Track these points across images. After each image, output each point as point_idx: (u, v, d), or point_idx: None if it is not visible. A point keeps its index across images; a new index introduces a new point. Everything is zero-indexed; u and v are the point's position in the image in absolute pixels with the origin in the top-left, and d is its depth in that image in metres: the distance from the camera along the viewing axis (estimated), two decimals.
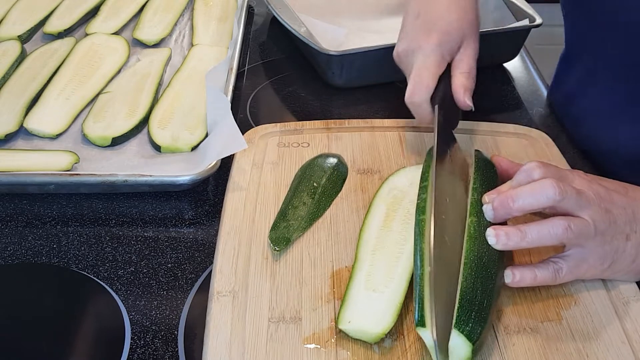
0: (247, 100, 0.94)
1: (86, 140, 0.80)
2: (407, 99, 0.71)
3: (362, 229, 0.64)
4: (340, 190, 0.71)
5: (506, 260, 0.60)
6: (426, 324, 0.51)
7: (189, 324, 0.61)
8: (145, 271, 0.67)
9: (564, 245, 0.58)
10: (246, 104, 0.94)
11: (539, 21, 0.97)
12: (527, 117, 0.91)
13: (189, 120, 0.82)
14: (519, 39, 1.00)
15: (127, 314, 0.62)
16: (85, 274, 0.66)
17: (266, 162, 0.74)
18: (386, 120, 0.81)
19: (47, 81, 0.89)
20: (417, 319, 0.52)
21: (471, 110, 0.71)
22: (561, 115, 0.90)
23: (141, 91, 0.88)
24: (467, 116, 0.75)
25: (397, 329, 0.55)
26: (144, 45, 1.00)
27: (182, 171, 0.73)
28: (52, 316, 0.62)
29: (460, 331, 0.51)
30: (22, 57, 0.94)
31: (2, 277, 0.66)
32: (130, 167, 0.76)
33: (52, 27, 1.02)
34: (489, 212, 0.58)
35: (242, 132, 0.73)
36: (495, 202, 0.57)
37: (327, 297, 0.58)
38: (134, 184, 0.73)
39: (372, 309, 0.55)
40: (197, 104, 0.85)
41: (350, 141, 0.78)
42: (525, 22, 0.98)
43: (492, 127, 0.80)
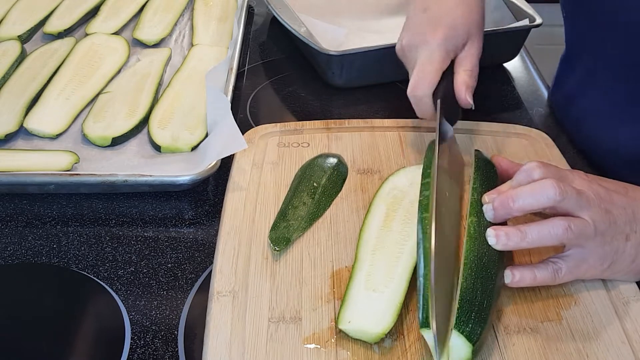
0: (247, 100, 0.94)
1: (86, 140, 0.80)
2: (409, 92, 0.71)
3: (362, 228, 0.64)
4: (340, 190, 0.71)
5: (506, 260, 0.60)
6: (430, 325, 0.51)
7: (189, 324, 0.61)
8: (145, 271, 0.67)
9: (563, 245, 0.58)
10: (246, 104, 0.94)
11: (539, 21, 0.97)
12: (527, 117, 0.91)
13: (189, 120, 0.82)
14: (519, 39, 1.00)
15: (127, 314, 0.62)
16: (85, 274, 0.66)
17: (266, 162, 0.74)
18: (386, 120, 0.81)
19: (47, 81, 0.89)
20: (422, 320, 0.52)
21: (471, 108, 0.71)
22: (561, 115, 0.90)
23: (141, 91, 0.88)
24: (468, 116, 0.75)
25: (397, 329, 0.55)
26: (144, 45, 1.00)
27: (182, 171, 0.73)
28: (52, 316, 0.62)
29: (460, 332, 0.51)
30: (22, 57, 0.94)
31: (2, 277, 0.66)
32: (130, 167, 0.76)
33: (52, 27, 1.02)
34: (489, 212, 0.58)
35: (242, 132, 0.73)
36: (495, 202, 0.58)
37: (327, 297, 0.58)
38: (134, 184, 0.73)
39: (372, 309, 0.55)
40: (197, 104, 0.85)
41: (350, 141, 0.78)
42: (525, 22, 0.98)
43: (492, 127, 0.80)
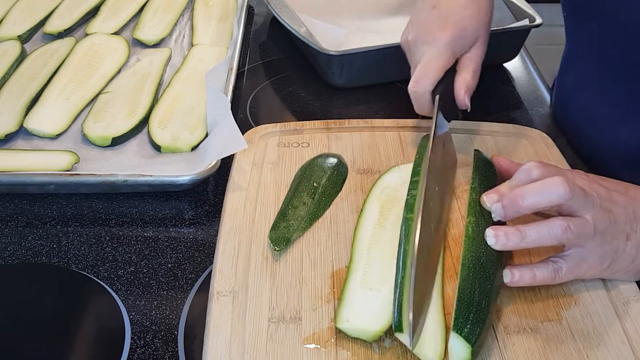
0: (247, 100, 0.94)
1: (86, 140, 0.80)
2: (410, 87, 0.71)
3: (356, 227, 0.64)
4: (340, 190, 0.70)
5: (506, 260, 0.60)
6: (403, 329, 0.51)
7: (189, 324, 0.61)
8: (145, 271, 0.67)
9: (563, 245, 0.58)
10: (246, 104, 0.94)
11: (539, 21, 0.97)
12: (527, 117, 0.91)
13: (189, 120, 0.82)
14: (519, 39, 1.00)
15: (127, 314, 0.62)
16: (85, 274, 0.66)
17: (266, 162, 0.74)
18: (386, 120, 0.81)
19: (47, 81, 0.89)
20: (395, 324, 0.52)
21: (467, 110, 0.71)
22: (561, 115, 0.90)
23: (141, 91, 0.88)
24: (468, 116, 0.75)
25: None
26: (144, 45, 1.00)
27: (182, 171, 0.73)
28: (52, 316, 0.62)
29: (458, 333, 0.51)
30: (22, 57, 0.94)
31: (2, 277, 0.66)
32: (130, 167, 0.76)
33: (52, 27, 1.02)
34: (499, 210, 0.57)
35: (242, 132, 0.73)
36: (504, 200, 0.57)
37: (327, 297, 0.58)
38: (134, 184, 0.73)
39: (369, 308, 0.55)
40: (197, 104, 0.85)
41: (350, 141, 0.78)
42: (525, 22, 0.98)
43: (492, 127, 0.80)
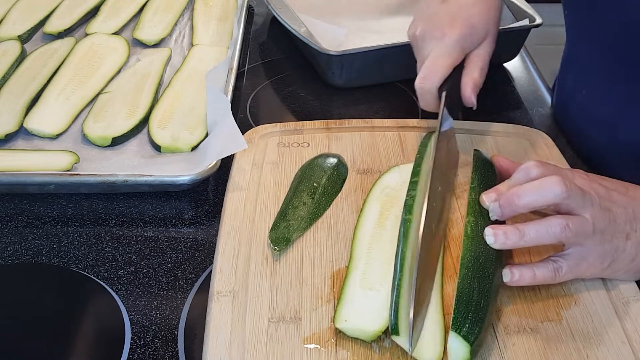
0: (247, 100, 0.94)
1: (86, 140, 0.80)
2: (417, 83, 0.70)
3: (356, 227, 0.64)
4: (340, 190, 0.70)
5: (505, 259, 0.60)
6: (400, 332, 0.51)
7: (189, 324, 0.61)
8: (145, 271, 0.67)
9: (563, 244, 0.58)
10: (246, 104, 0.94)
11: (539, 21, 0.97)
12: (527, 117, 0.91)
13: (189, 120, 0.82)
14: (519, 39, 1.00)
15: (127, 314, 0.62)
16: (85, 274, 0.66)
17: (266, 162, 0.74)
18: (386, 120, 0.81)
19: (47, 81, 0.89)
20: (392, 327, 0.52)
21: (472, 108, 0.71)
22: (561, 115, 0.90)
23: (141, 91, 0.88)
24: (468, 116, 0.75)
25: None
26: (144, 45, 1.00)
27: (182, 171, 0.73)
28: (52, 316, 0.62)
29: (457, 332, 0.51)
30: (22, 57, 0.94)
31: (2, 277, 0.66)
32: (130, 167, 0.76)
33: (52, 27, 1.02)
34: (496, 209, 0.58)
35: (242, 132, 0.73)
36: (501, 199, 0.57)
37: (327, 297, 0.58)
38: (134, 184, 0.73)
39: (368, 307, 0.55)
40: (197, 104, 0.85)
41: (350, 141, 0.78)
42: (525, 22, 0.98)
43: (492, 127, 0.80)
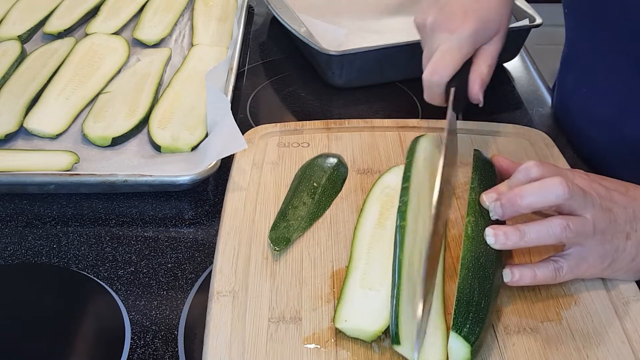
0: (247, 100, 0.94)
1: (86, 140, 0.80)
2: (426, 75, 0.69)
3: (356, 227, 0.64)
4: (340, 190, 0.70)
5: (505, 259, 0.60)
6: (401, 342, 0.51)
7: (189, 324, 0.61)
8: (145, 271, 0.67)
9: (564, 244, 0.58)
10: (246, 104, 0.94)
11: (539, 21, 0.97)
12: (527, 117, 0.91)
13: (189, 120, 0.82)
14: (519, 39, 1.00)
15: (127, 314, 0.62)
16: (85, 274, 0.66)
17: (266, 162, 0.74)
18: (386, 120, 0.81)
19: (47, 81, 0.89)
20: (393, 336, 0.52)
21: (478, 105, 0.70)
22: (561, 115, 0.90)
23: (141, 91, 0.88)
24: (468, 116, 0.75)
25: None
26: (144, 45, 1.00)
27: (182, 171, 0.73)
28: (52, 316, 0.62)
29: (458, 333, 0.51)
30: (22, 57, 0.94)
31: (2, 277, 0.66)
32: (130, 167, 0.76)
33: (52, 27, 1.02)
34: (497, 209, 0.57)
35: (242, 132, 0.73)
36: (503, 199, 0.57)
37: (327, 297, 0.58)
38: (134, 184, 0.73)
39: (368, 308, 0.55)
40: (197, 104, 0.85)
41: (350, 141, 0.78)
42: (525, 22, 0.97)
43: (492, 127, 0.80)
